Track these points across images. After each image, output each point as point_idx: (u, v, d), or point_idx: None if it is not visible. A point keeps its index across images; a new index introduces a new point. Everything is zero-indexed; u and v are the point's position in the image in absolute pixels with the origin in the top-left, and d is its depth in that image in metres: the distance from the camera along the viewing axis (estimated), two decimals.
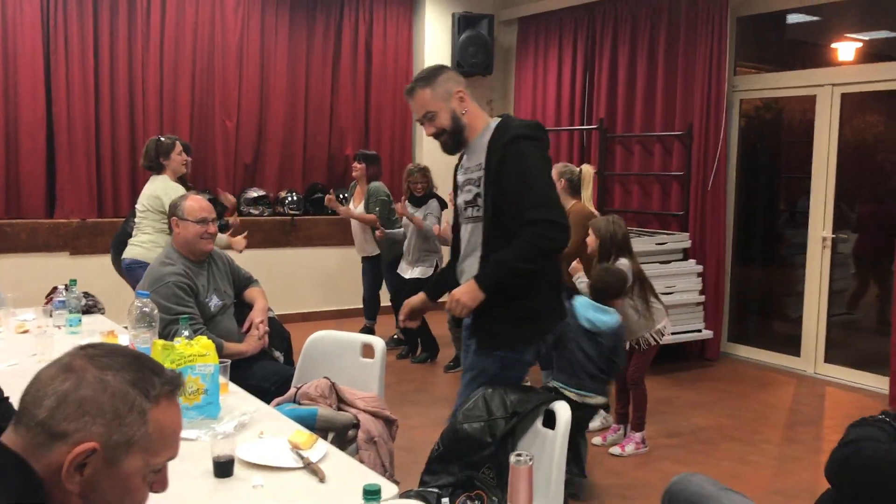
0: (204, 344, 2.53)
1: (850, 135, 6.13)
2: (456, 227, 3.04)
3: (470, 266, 2.85)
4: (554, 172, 5.07)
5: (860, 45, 6.22)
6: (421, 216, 5.99)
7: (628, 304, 4.37)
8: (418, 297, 3.09)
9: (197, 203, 3.58)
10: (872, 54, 6.21)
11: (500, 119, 2.84)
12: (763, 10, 6.57)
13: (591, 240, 4.47)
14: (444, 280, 3.08)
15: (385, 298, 6.75)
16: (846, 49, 6.24)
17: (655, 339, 4.50)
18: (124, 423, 1.22)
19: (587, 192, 5.27)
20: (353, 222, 6.60)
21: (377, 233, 6.24)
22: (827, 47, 6.40)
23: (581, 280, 4.40)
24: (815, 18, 6.50)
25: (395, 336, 6.65)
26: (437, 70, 2.88)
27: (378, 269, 6.62)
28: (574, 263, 4.48)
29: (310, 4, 7.85)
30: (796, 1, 6.31)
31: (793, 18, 6.65)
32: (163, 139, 4.96)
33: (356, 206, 6.51)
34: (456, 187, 2.99)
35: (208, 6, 7.33)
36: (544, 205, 2.65)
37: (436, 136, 2.86)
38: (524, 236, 2.64)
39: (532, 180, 2.66)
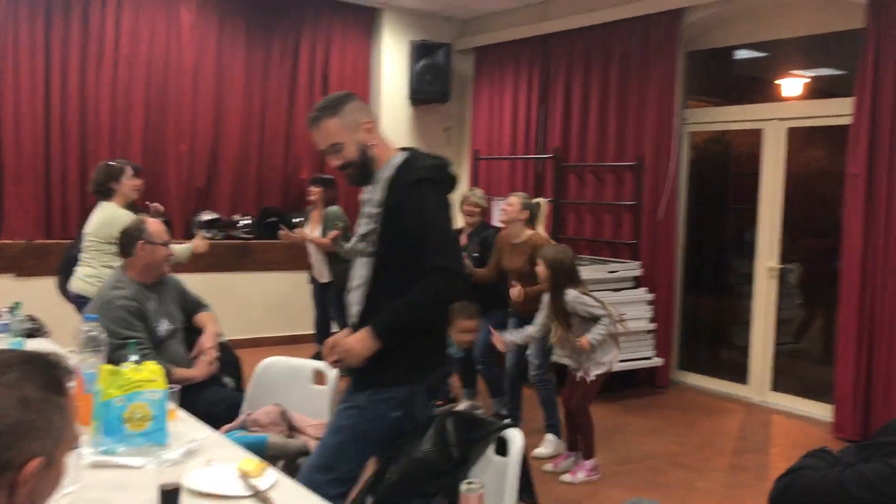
0: (152, 369, 2.48)
1: (796, 168, 6.29)
2: None
3: (355, 299, 2.71)
4: (516, 202, 5.15)
5: (806, 80, 6.41)
6: None
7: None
8: (347, 333, 2.84)
9: (158, 226, 3.65)
10: (817, 90, 6.41)
11: (405, 155, 2.68)
12: (713, 46, 6.74)
13: (541, 269, 4.51)
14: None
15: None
16: (792, 85, 6.43)
17: (599, 373, 4.47)
18: (54, 427, 1.24)
19: (541, 225, 5.37)
20: (311, 247, 6.56)
21: (330, 234, 6.21)
22: (774, 83, 6.59)
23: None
24: (763, 55, 6.69)
25: None
26: (344, 98, 2.65)
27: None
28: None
29: (267, 29, 7.83)
30: (744, 37, 6.50)
31: (741, 54, 6.84)
32: (112, 163, 4.85)
33: (313, 231, 6.49)
34: None
35: (163, 26, 7.25)
36: (445, 251, 2.55)
37: (342, 168, 2.67)
38: (425, 285, 2.53)
39: (434, 226, 2.55)
